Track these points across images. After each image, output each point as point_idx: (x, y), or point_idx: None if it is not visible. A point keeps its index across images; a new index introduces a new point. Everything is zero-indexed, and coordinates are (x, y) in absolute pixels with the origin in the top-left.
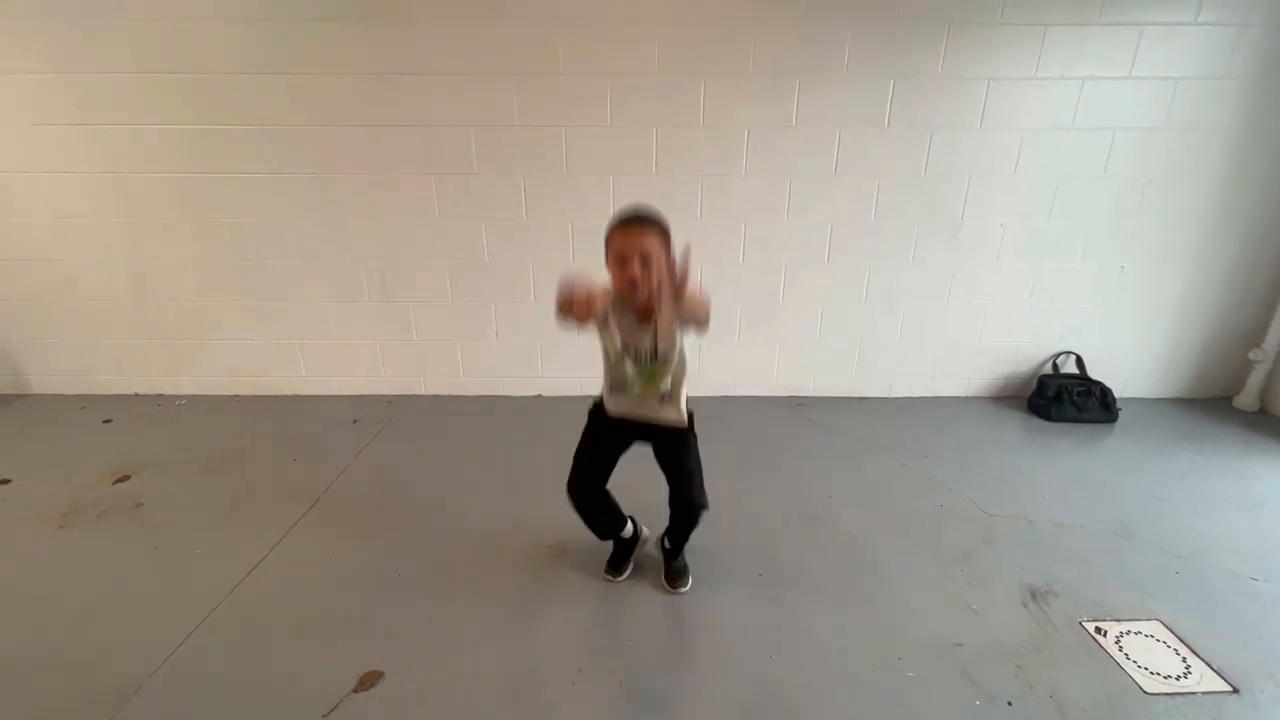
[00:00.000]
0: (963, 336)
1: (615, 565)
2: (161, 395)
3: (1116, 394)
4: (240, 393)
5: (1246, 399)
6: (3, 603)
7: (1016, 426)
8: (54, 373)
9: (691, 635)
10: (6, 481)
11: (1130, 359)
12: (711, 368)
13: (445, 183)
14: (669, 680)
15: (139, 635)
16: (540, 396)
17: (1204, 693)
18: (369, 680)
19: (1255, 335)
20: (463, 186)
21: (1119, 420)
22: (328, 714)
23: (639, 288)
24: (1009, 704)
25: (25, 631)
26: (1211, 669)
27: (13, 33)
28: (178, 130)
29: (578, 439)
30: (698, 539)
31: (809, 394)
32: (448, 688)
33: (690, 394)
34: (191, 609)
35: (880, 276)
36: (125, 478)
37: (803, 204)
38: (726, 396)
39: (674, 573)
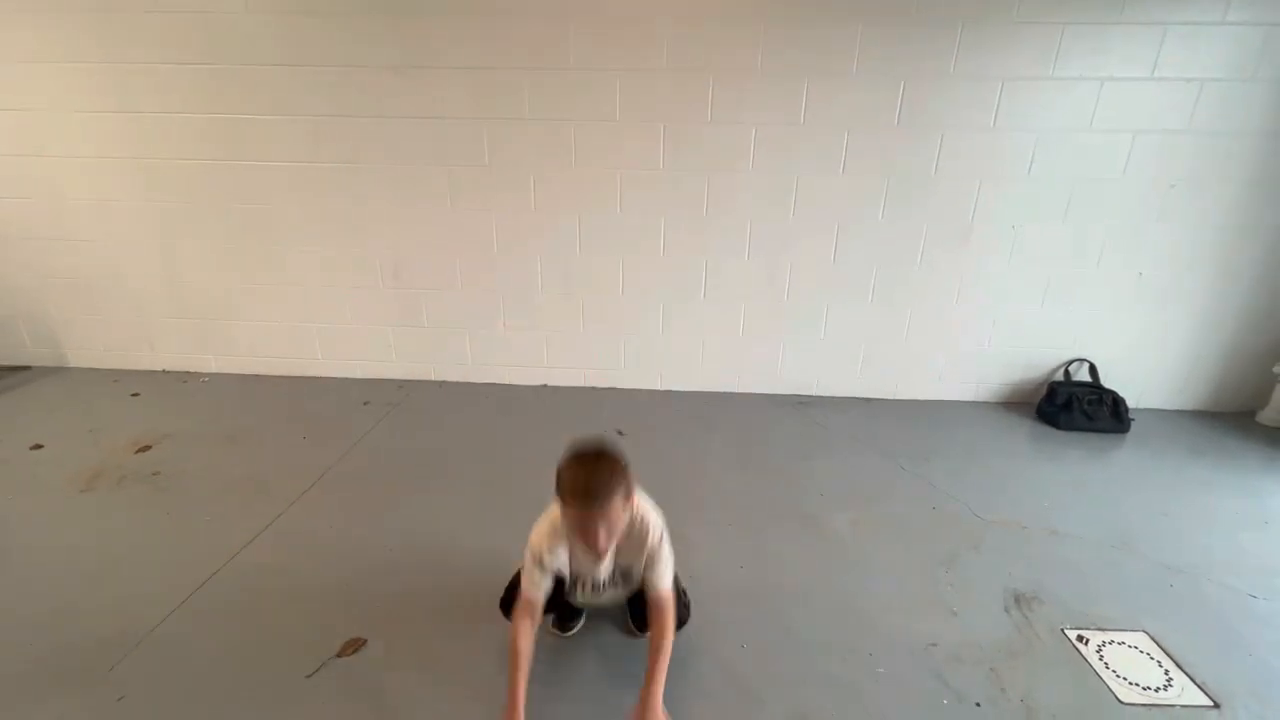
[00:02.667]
0: (971, 340)
1: (565, 618)
2: (187, 372)
3: (1131, 404)
4: (260, 372)
5: (1270, 414)
6: (25, 558)
7: (1023, 433)
8: (90, 348)
9: None
10: (39, 447)
11: (1147, 369)
12: (715, 363)
13: (457, 174)
14: (638, 663)
15: (144, 593)
16: (546, 386)
17: (1183, 706)
18: (352, 646)
19: None
20: (474, 178)
21: (1131, 431)
22: (311, 674)
23: (603, 552)
24: (977, 705)
25: (42, 585)
26: (1194, 683)
27: (59, 24)
28: (206, 118)
29: (579, 430)
30: (680, 528)
31: (813, 393)
32: (426, 659)
33: (693, 388)
34: (194, 571)
35: (887, 278)
36: (147, 448)
37: (809, 202)
38: (729, 393)
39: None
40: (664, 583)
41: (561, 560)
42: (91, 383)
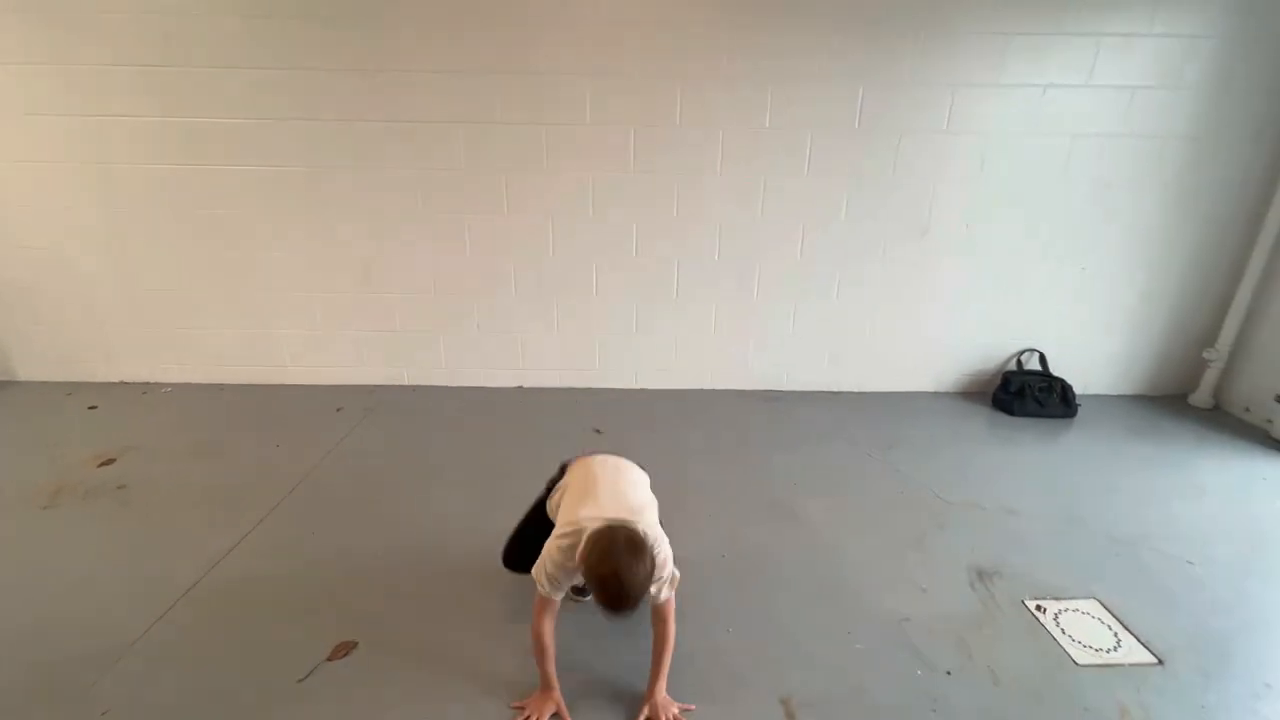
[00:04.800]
0: (931, 334)
1: (583, 589)
2: (147, 383)
3: (1077, 390)
4: (226, 381)
5: (1201, 396)
6: None
7: (980, 421)
8: (41, 360)
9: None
10: None
11: (1091, 357)
12: (688, 361)
13: (428, 177)
14: (629, 651)
15: (120, 608)
16: (521, 388)
17: (1131, 664)
18: (343, 650)
19: (1209, 335)
20: (445, 181)
21: (1078, 415)
22: (302, 679)
23: None
24: (948, 673)
25: (12, 604)
26: (1140, 642)
27: (6, 22)
28: (167, 122)
29: (555, 432)
30: (661, 522)
31: (783, 388)
32: (418, 659)
33: (667, 386)
34: (172, 583)
35: (851, 275)
36: (110, 461)
37: (775, 203)
38: (703, 389)
39: None
40: (664, 595)
41: (574, 579)
42: (44, 396)
